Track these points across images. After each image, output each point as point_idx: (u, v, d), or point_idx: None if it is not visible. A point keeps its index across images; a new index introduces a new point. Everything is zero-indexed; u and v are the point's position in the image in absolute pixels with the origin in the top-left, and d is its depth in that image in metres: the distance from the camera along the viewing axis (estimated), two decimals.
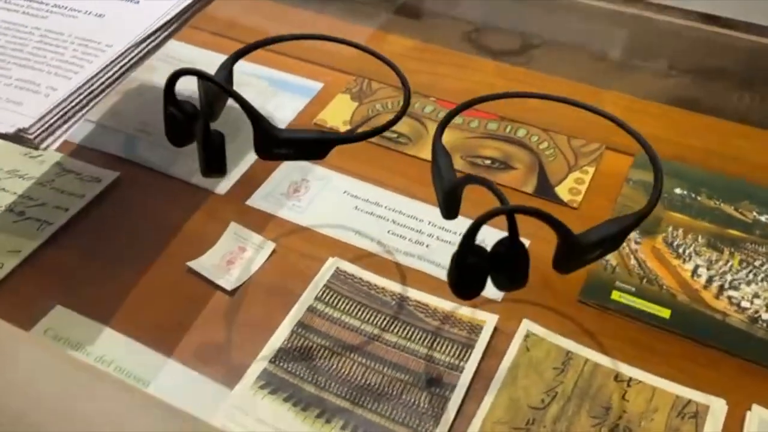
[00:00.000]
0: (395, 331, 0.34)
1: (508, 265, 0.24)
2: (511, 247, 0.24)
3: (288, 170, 0.42)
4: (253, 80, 0.49)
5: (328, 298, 0.35)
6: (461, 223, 0.39)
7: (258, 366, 0.32)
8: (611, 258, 0.37)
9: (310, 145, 0.26)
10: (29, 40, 0.30)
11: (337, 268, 0.37)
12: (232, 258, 0.37)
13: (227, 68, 0.29)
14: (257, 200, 0.41)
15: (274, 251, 0.38)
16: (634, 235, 0.39)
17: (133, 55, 0.29)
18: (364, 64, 0.51)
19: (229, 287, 0.36)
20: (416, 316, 0.35)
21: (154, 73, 0.48)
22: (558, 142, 0.45)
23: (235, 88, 0.27)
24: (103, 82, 0.28)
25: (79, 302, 0.35)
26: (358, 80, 0.49)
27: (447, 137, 0.44)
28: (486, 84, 0.50)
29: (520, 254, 0.24)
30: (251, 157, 0.43)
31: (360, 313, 0.35)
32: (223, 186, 0.42)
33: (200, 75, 0.25)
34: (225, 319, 0.35)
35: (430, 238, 0.39)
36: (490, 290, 0.35)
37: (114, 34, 0.30)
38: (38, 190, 0.41)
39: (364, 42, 0.54)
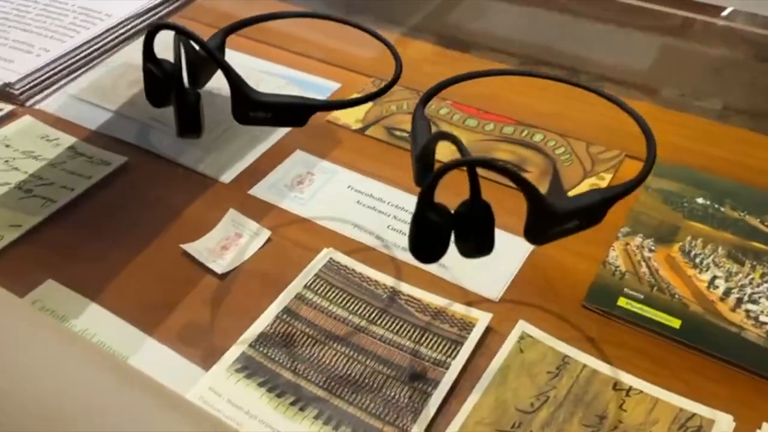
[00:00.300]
0: (383, 323, 0.33)
1: (470, 227, 0.23)
2: (472, 206, 0.22)
3: (294, 163, 0.42)
4: (271, 78, 0.49)
5: (317, 287, 0.34)
6: None
7: (237, 349, 0.31)
8: (621, 264, 0.35)
9: (288, 109, 0.26)
10: (33, 7, 0.30)
11: (331, 258, 0.36)
12: (227, 243, 0.37)
13: (219, 38, 0.29)
14: (260, 190, 0.40)
15: (269, 239, 0.37)
16: (648, 242, 0.36)
17: (131, 26, 0.29)
18: (383, 66, 0.50)
19: (219, 271, 0.35)
20: (407, 310, 0.33)
21: None
22: (575, 148, 0.43)
23: (251, 84, 0.26)
24: (96, 49, 0.28)
25: (72, 278, 0.35)
26: (375, 82, 0.48)
27: (463, 138, 0.43)
28: (508, 90, 0.49)
29: (483, 214, 0.23)
30: (260, 149, 0.43)
31: (349, 303, 0.34)
32: (228, 175, 0.41)
33: (178, 29, 0.25)
34: (212, 302, 0.34)
35: None
36: (487, 288, 0.34)
37: (115, 4, 0.30)
38: (49, 171, 0.41)
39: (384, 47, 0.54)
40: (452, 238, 0.24)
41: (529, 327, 0.32)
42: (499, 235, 0.36)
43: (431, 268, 0.36)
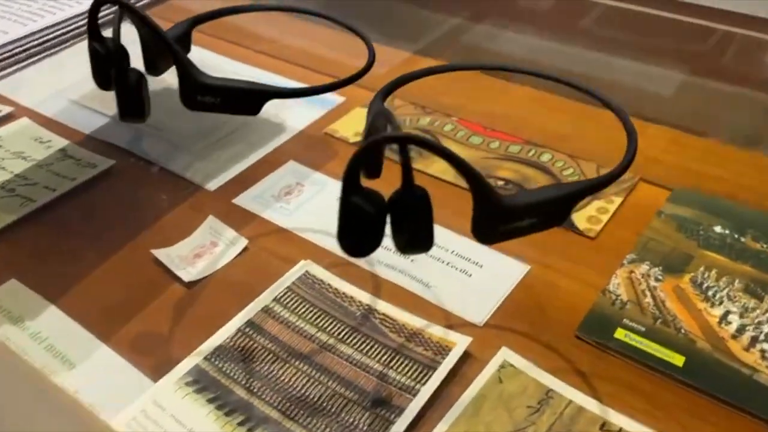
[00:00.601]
0: (352, 343, 0.30)
1: (401, 216, 0.20)
2: (403, 192, 0.20)
3: (285, 173, 0.40)
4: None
5: (287, 300, 0.32)
6: (455, 241, 0.35)
7: (190, 361, 0.29)
8: (623, 292, 0.32)
9: (239, 94, 0.24)
10: None
11: (306, 271, 0.33)
12: (202, 252, 0.35)
13: (183, 29, 0.27)
14: (245, 199, 0.38)
15: (246, 249, 0.35)
16: (655, 271, 0.33)
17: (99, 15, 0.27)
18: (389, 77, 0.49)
19: (187, 279, 0.33)
20: (380, 329, 0.30)
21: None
22: (584, 170, 0.40)
23: None
24: (59, 35, 0.27)
25: (36, 278, 0.33)
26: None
27: (458, 152, 0.41)
28: (520, 109, 0.46)
29: (416, 201, 0.20)
30: (252, 158, 0.41)
31: (318, 319, 0.31)
32: (215, 183, 0.39)
33: (120, 4, 0.23)
34: (174, 310, 0.32)
35: None
36: (472, 311, 0.31)
37: None
38: (35, 172, 0.40)
39: (397, 64, 0.52)
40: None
41: (512, 355, 0.29)
42: (492, 255, 0.34)
43: (413, 286, 0.33)
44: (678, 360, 0.29)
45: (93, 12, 0.22)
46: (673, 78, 0.52)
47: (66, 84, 0.48)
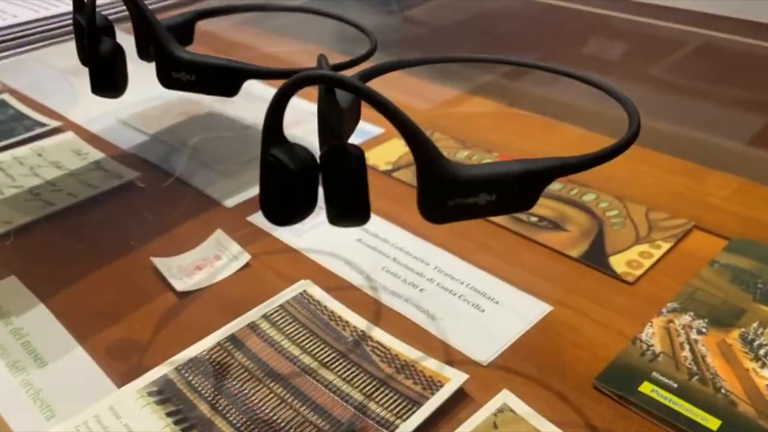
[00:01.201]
0: (336, 369, 0.27)
1: (330, 177, 0.17)
2: (329, 148, 0.17)
3: None
4: (313, 117, 0.46)
5: (277, 318, 0.29)
6: (473, 274, 0.32)
7: (160, 370, 0.27)
8: (656, 343, 0.27)
9: (214, 72, 0.22)
10: None
11: (304, 291, 0.31)
12: (203, 264, 0.33)
13: (184, 19, 0.27)
14: (259, 217, 0.36)
15: (248, 264, 0.33)
16: (699, 323, 0.28)
17: (108, 12, 0.27)
18: (438, 119, 0.47)
19: (179, 288, 0.31)
20: (369, 358, 0.27)
21: (226, 104, 0.48)
22: (632, 212, 0.36)
23: (292, 123, 0.23)
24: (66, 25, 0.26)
25: (34, 277, 0.33)
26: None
27: None
28: (568, 148, 0.43)
29: (342, 158, 0.17)
30: None
31: (305, 341, 0.28)
32: (233, 200, 0.38)
33: None
34: (160, 319, 0.30)
35: (428, 283, 0.32)
36: (477, 348, 0.28)
37: None
38: (64, 179, 0.41)
39: (442, 101, 0.50)
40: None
41: (513, 399, 0.25)
42: (511, 291, 0.31)
43: (417, 317, 0.30)
44: (712, 423, 0.24)
45: None
46: (746, 125, 0.47)
47: (118, 104, 0.49)
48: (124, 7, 0.27)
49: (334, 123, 0.17)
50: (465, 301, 0.30)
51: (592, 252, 0.33)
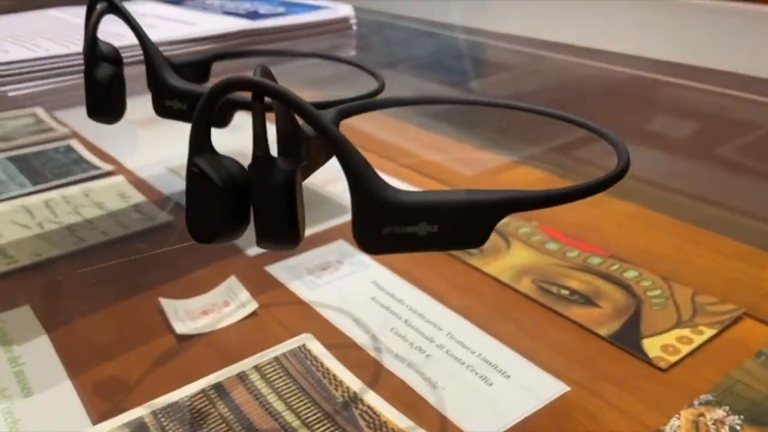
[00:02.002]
0: (318, 430, 0.25)
1: (257, 193, 0.16)
2: (257, 159, 0.15)
3: (329, 250, 0.37)
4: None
5: (269, 370, 0.28)
6: (486, 344, 0.29)
7: (137, 412, 0.26)
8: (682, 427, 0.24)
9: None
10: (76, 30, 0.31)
11: (304, 345, 0.29)
12: (210, 309, 0.32)
13: (199, 59, 0.27)
14: (278, 268, 0.36)
15: (254, 313, 0.32)
16: (734, 419, 0.25)
17: (134, 53, 0.27)
18: (479, 184, 0.45)
19: (179, 331, 0.30)
20: (356, 422, 0.25)
21: None
22: (676, 293, 0.33)
23: (329, 180, 0.23)
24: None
25: (46, 308, 0.33)
26: None
27: (526, 255, 0.36)
28: (614, 223, 0.40)
29: (269, 172, 0.15)
30: (306, 232, 0.39)
31: (292, 398, 0.26)
32: (256, 248, 0.37)
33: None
34: (154, 361, 0.29)
35: (436, 349, 0.29)
36: (477, 424, 0.25)
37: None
38: (102, 219, 0.41)
39: (490, 168, 0.49)
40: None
41: None
42: (525, 366, 0.28)
43: (417, 383, 0.27)
44: None
45: (89, 11, 0.22)
46: None
47: (170, 153, 0.50)
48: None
49: (260, 132, 0.16)
50: (473, 371, 0.28)
51: (624, 332, 0.30)
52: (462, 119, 0.58)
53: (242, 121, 0.45)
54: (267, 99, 0.16)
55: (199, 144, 0.16)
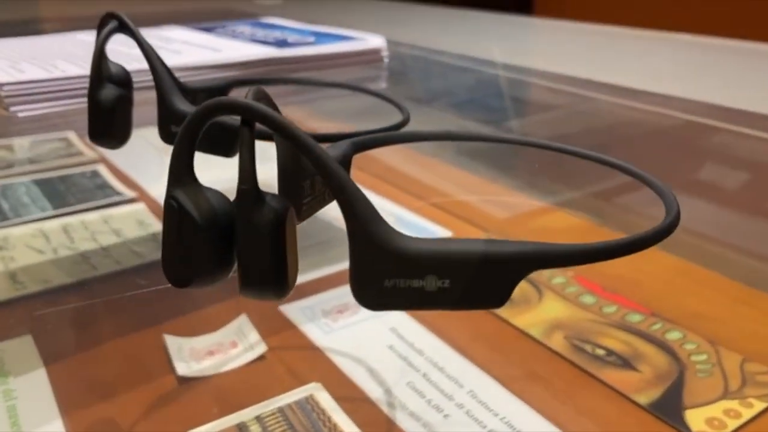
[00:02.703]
0: None
1: (239, 228, 0.13)
2: (242, 195, 0.13)
3: (347, 292, 0.35)
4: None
5: (272, 422, 0.26)
6: (510, 406, 0.27)
7: None
8: None
9: (210, 130, 0.20)
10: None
11: (311, 395, 0.27)
12: (217, 350, 0.30)
13: (218, 84, 0.25)
14: (292, 309, 0.34)
15: (263, 357, 0.30)
16: None
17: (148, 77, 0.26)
18: (513, 228, 0.43)
19: (180, 372, 0.29)
20: None
21: None
22: (723, 360, 0.30)
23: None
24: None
25: (47, 339, 0.31)
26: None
27: (559, 308, 0.34)
28: (658, 279, 0.37)
29: (254, 207, 0.13)
30: (322, 272, 0.37)
31: None
32: None
33: (115, 17, 0.21)
34: (150, 403, 0.27)
35: (456, 408, 0.27)
36: None
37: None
38: (117, 246, 0.40)
39: (524, 211, 0.46)
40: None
41: None
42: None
43: None
44: None
45: (100, 28, 0.21)
46: None
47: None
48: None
49: (246, 163, 0.14)
50: None
51: (664, 401, 0.27)
52: (499, 159, 0.56)
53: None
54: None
55: (180, 174, 0.14)
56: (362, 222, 0.14)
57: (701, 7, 1.62)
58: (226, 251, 0.15)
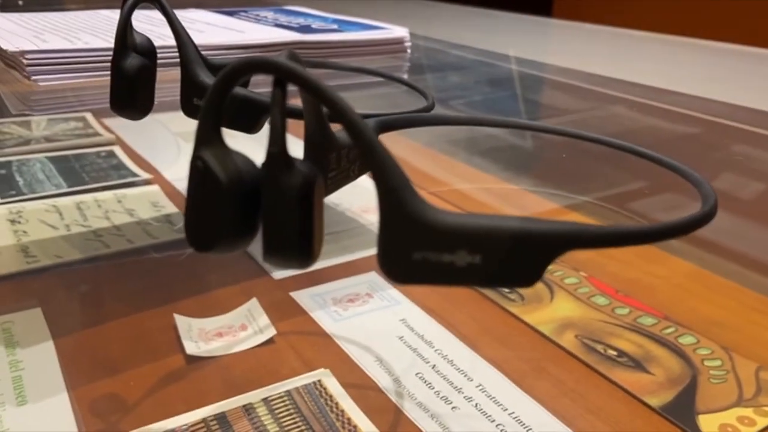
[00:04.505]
0: None
1: (266, 193, 0.13)
2: (272, 160, 0.13)
3: (359, 281, 0.35)
4: None
5: (278, 405, 0.25)
6: (519, 402, 0.26)
7: None
8: None
9: (236, 103, 0.19)
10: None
11: (320, 380, 0.27)
12: (226, 332, 0.30)
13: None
14: (303, 295, 0.34)
15: (272, 340, 0.30)
16: None
17: (169, 54, 0.26)
18: None
19: (189, 352, 0.28)
20: None
21: None
22: (738, 366, 0.29)
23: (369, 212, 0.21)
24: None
25: (57, 313, 0.31)
26: None
27: (571, 308, 0.33)
28: (671, 283, 0.37)
29: (282, 171, 0.13)
30: (335, 260, 0.37)
31: None
32: (282, 272, 0.35)
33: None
34: (158, 381, 0.27)
35: (464, 401, 0.27)
36: None
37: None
38: (130, 226, 0.40)
39: (539, 211, 0.46)
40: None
41: None
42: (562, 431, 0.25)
43: None
44: None
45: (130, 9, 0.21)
46: None
47: None
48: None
49: (277, 125, 0.14)
50: (502, 431, 0.25)
51: (677, 405, 0.27)
52: (515, 155, 0.55)
53: None
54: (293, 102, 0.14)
55: (207, 134, 0.14)
56: (394, 191, 0.13)
57: (715, 13, 1.61)
58: (250, 216, 0.14)
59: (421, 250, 0.13)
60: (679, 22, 1.60)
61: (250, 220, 0.14)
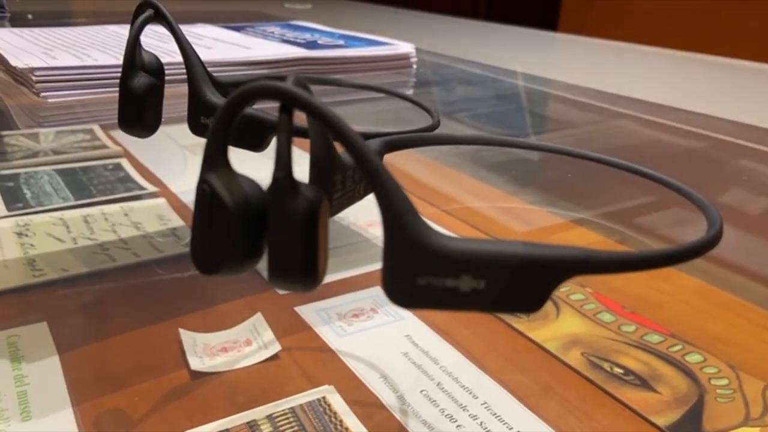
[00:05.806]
0: None
1: (271, 216, 0.13)
2: (277, 183, 0.13)
3: (364, 296, 0.35)
4: None
5: (283, 422, 0.25)
6: (524, 421, 0.26)
7: None
8: None
9: (242, 122, 0.19)
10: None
11: (324, 397, 0.27)
12: (230, 347, 0.30)
13: (253, 78, 0.25)
14: (308, 310, 0.34)
15: (276, 356, 0.30)
16: None
17: (177, 71, 0.26)
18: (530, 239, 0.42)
19: (193, 367, 0.28)
20: None
21: None
22: (745, 385, 0.29)
23: (374, 226, 0.21)
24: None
25: (63, 327, 0.31)
26: None
27: (577, 324, 0.33)
28: (679, 300, 0.37)
29: (287, 195, 0.13)
30: (340, 275, 0.37)
31: None
32: None
33: (151, 5, 0.21)
34: (162, 397, 0.27)
35: (469, 419, 0.26)
36: None
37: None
38: (136, 239, 0.40)
39: (544, 226, 0.46)
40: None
41: None
42: None
43: None
44: None
45: (134, 16, 0.21)
46: None
47: None
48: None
49: (283, 151, 0.14)
50: None
51: (684, 424, 0.27)
52: (520, 171, 0.55)
53: None
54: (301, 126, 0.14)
55: (214, 158, 0.14)
56: (398, 215, 0.13)
57: (721, 28, 1.61)
58: (256, 239, 0.15)
59: (425, 275, 0.13)
60: (685, 36, 1.61)
61: (255, 243, 0.15)
